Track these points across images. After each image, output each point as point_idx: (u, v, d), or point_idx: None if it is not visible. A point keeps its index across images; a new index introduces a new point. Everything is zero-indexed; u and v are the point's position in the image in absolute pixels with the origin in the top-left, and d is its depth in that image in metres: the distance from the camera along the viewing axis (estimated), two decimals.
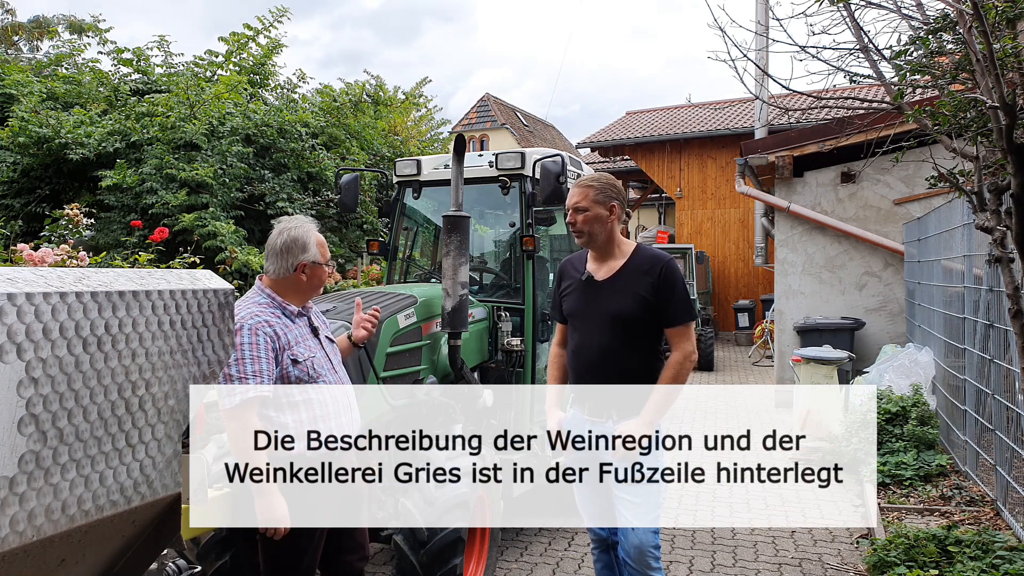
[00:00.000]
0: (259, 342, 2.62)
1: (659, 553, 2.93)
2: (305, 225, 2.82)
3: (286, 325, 2.73)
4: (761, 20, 8.18)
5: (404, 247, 5.43)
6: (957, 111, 3.75)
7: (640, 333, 2.95)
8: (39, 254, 4.70)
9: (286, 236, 2.77)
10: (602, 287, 3.01)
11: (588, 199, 2.99)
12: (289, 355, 2.68)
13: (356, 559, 2.97)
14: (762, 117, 10.87)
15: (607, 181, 3.05)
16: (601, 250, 3.05)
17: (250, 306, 2.71)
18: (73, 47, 12.17)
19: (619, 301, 2.95)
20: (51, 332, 1.54)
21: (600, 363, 2.97)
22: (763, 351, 13.59)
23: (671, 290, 2.92)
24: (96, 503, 1.66)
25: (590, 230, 3.00)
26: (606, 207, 2.99)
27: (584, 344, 3.03)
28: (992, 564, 3.80)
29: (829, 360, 7.09)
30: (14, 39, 21.04)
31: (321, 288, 2.86)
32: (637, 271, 2.97)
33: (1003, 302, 4.19)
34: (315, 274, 2.79)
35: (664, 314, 2.93)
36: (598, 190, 3.00)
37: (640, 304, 2.91)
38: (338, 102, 11.16)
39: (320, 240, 2.82)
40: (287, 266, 2.75)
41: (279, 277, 2.77)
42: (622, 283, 2.98)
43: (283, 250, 2.75)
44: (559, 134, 34.27)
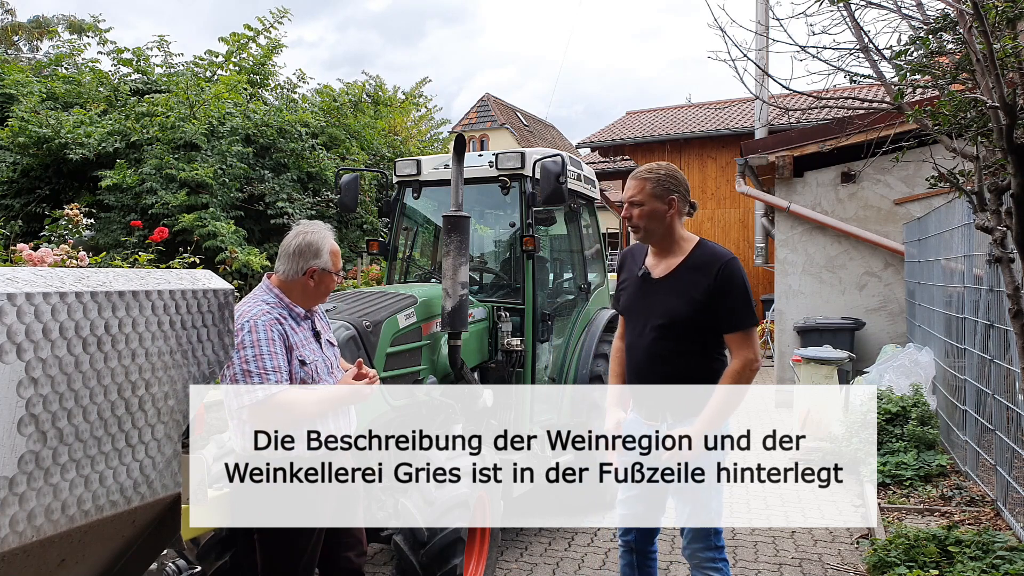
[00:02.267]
0: (275, 338, 2.62)
1: (715, 555, 2.89)
2: (322, 232, 2.81)
3: (292, 327, 2.73)
4: (761, 20, 8.18)
5: (404, 247, 5.43)
6: (957, 111, 3.75)
7: (693, 337, 2.75)
8: (39, 254, 4.70)
9: (301, 239, 2.77)
10: (657, 285, 2.83)
11: (644, 192, 2.77)
12: (297, 355, 2.69)
13: (355, 555, 2.97)
14: (762, 117, 10.86)
15: (666, 172, 2.81)
16: (659, 245, 2.85)
17: (259, 304, 2.71)
18: (73, 47, 12.18)
19: (671, 303, 2.76)
20: (51, 332, 1.54)
21: (648, 366, 2.82)
22: (763, 351, 13.60)
23: (728, 292, 2.69)
24: (96, 503, 1.65)
25: (646, 226, 2.80)
26: (664, 200, 2.77)
27: (634, 344, 2.89)
28: (992, 564, 3.80)
29: (829, 360, 7.09)
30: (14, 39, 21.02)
31: (327, 296, 2.87)
32: (694, 270, 2.76)
33: (1003, 302, 4.19)
34: (323, 281, 2.78)
35: (721, 318, 2.71)
36: (655, 182, 2.78)
37: (693, 307, 2.71)
38: (338, 102, 11.17)
39: (334, 249, 2.81)
40: (297, 269, 2.75)
41: (287, 279, 2.77)
42: (677, 283, 2.78)
43: (296, 252, 2.75)
44: (559, 134, 34.28)
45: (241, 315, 2.62)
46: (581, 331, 5.19)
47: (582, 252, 5.40)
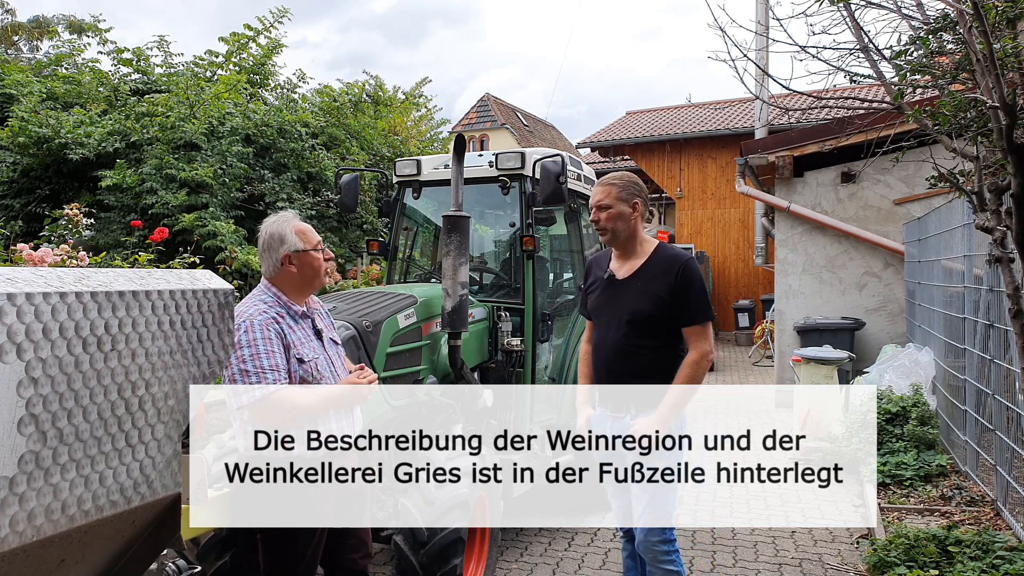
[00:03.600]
0: (271, 336, 2.62)
1: (669, 547, 2.98)
2: (282, 218, 2.81)
3: (290, 326, 2.73)
4: (761, 20, 8.18)
5: (404, 247, 5.43)
6: (957, 111, 3.74)
7: (656, 332, 3.00)
8: (39, 254, 4.70)
9: (265, 235, 2.79)
10: (622, 286, 3.07)
11: (611, 196, 3.04)
12: (295, 353, 2.69)
13: (359, 556, 2.97)
14: (762, 117, 10.86)
15: (629, 179, 3.10)
16: (623, 248, 3.11)
17: (256, 304, 2.72)
18: (73, 47, 12.18)
19: (636, 300, 3.00)
20: (51, 332, 1.54)
21: (615, 360, 3.04)
22: (763, 351, 13.59)
23: (688, 290, 2.96)
24: (96, 503, 1.65)
25: (613, 227, 3.05)
26: (628, 204, 3.04)
27: (602, 341, 3.11)
28: (992, 564, 3.80)
29: (829, 360, 7.09)
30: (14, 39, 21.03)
31: (318, 276, 2.81)
32: (656, 270, 3.02)
33: (1003, 302, 4.19)
34: (304, 262, 2.76)
35: (681, 314, 2.97)
36: (620, 187, 3.05)
37: (657, 303, 2.96)
38: (338, 102, 11.17)
39: (299, 228, 2.79)
40: (274, 262, 2.76)
41: (273, 275, 2.79)
42: (641, 282, 3.03)
43: (266, 249, 2.77)
44: (559, 134, 34.28)
45: (239, 315, 2.62)
46: (581, 331, 5.19)
47: (582, 252, 5.40)
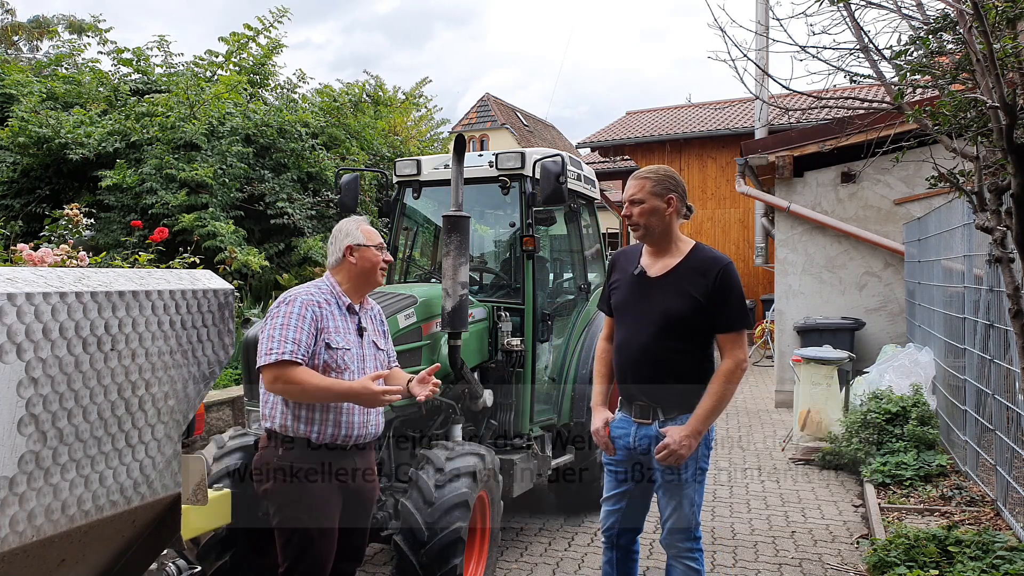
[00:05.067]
0: (306, 315, 2.75)
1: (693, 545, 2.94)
2: (353, 218, 3.04)
3: (332, 313, 2.83)
4: (761, 20, 8.18)
5: (404, 247, 5.43)
6: (957, 111, 3.74)
7: (687, 335, 2.86)
8: (39, 254, 4.69)
9: (335, 230, 2.99)
10: (654, 284, 2.91)
11: (644, 191, 2.88)
12: (325, 338, 2.77)
13: (347, 564, 2.98)
14: (762, 117, 10.86)
15: (665, 173, 2.94)
16: (657, 245, 2.95)
17: (311, 287, 2.89)
18: (73, 47, 12.18)
19: (670, 300, 2.85)
20: (51, 332, 1.54)
21: (643, 361, 2.90)
22: (763, 351, 13.58)
23: (727, 295, 2.82)
24: (96, 503, 1.65)
25: (646, 223, 2.90)
26: (663, 199, 2.88)
27: (628, 341, 2.95)
28: (992, 564, 3.80)
29: (829, 360, 7.08)
30: (14, 39, 21.02)
31: (374, 272, 2.95)
32: (692, 271, 2.87)
33: (1003, 302, 4.19)
34: (363, 255, 2.91)
35: (717, 319, 2.84)
36: (655, 181, 2.89)
37: (691, 305, 2.82)
38: (338, 102, 11.17)
39: (366, 229, 2.99)
40: (338, 250, 2.93)
41: (335, 264, 2.95)
42: (675, 282, 2.88)
43: (333, 240, 2.97)
44: (559, 134, 34.28)
45: (290, 292, 2.83)
46: (581, 331, 5.19)
47: (582, 252, 5.40)
